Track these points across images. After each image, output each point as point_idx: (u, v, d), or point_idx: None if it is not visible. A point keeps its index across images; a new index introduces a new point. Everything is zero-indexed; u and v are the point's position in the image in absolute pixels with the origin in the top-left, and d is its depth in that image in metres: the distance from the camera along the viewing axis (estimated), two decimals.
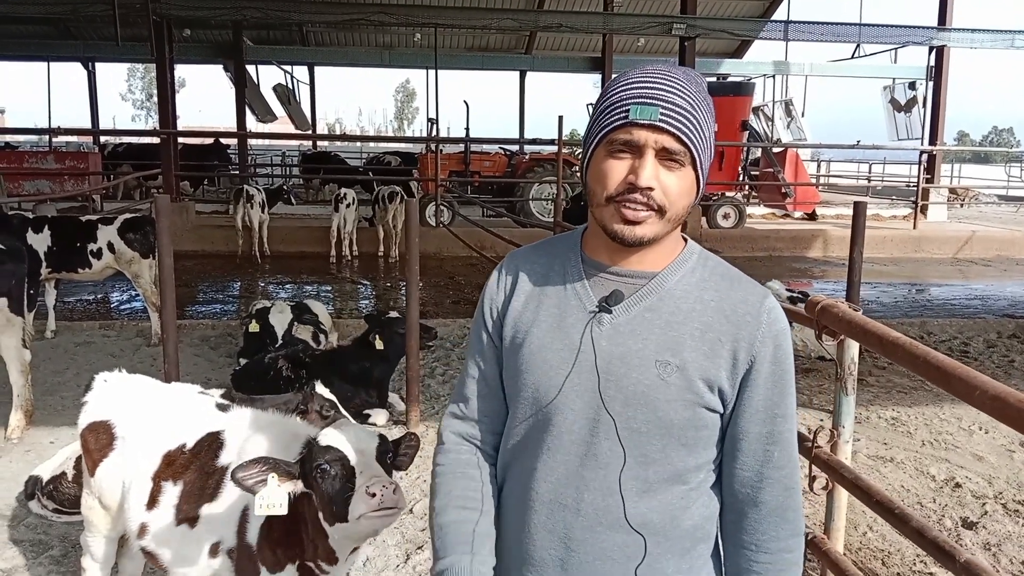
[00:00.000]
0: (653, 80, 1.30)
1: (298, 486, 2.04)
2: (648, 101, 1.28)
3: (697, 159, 1.31)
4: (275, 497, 1.98)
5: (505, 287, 1.50)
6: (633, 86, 1.31)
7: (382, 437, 2.04)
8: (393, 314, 5.62)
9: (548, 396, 1.38)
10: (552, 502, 1.39)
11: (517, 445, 1.46)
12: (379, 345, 5.43)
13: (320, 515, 2.07)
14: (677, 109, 1.28)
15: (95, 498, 2.79)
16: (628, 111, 1.28)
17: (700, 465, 1.39)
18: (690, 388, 1.32)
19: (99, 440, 2.72)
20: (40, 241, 7.17)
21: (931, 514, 4.33)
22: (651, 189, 1.28)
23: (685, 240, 1.45)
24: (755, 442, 1.37)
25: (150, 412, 2.74)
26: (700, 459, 1.38)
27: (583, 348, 1.36)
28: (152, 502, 2.53)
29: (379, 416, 5.46)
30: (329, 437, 2.03)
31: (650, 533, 1.36)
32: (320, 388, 4.24)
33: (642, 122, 1.27)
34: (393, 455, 2.08)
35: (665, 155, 1.29)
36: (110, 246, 7.41)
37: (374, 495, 1.88)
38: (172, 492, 2.51)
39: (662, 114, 1.27)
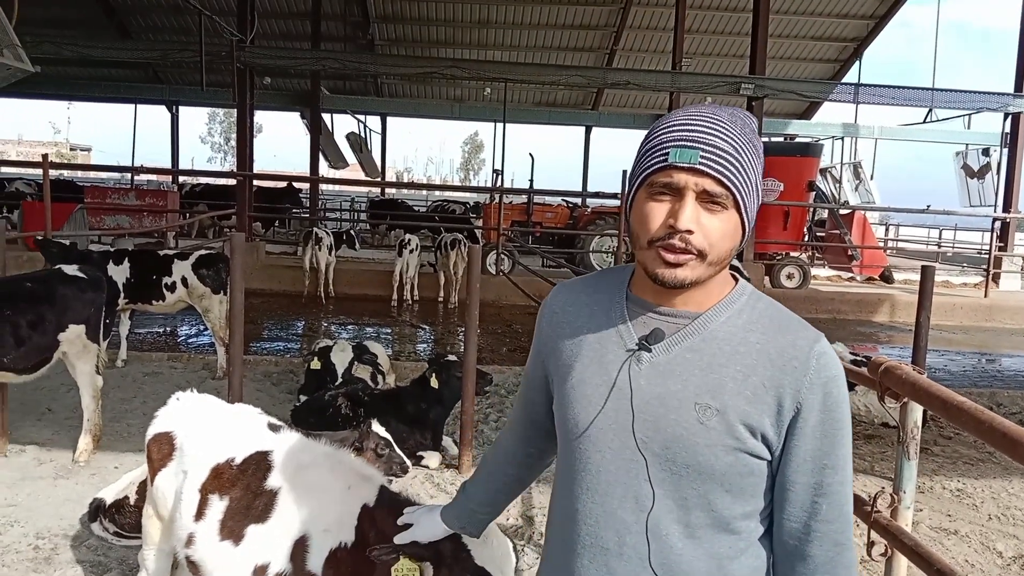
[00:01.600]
0: (694, 122, 1.29)
1: (428, 569, 2.06)
2: (688, 144, 1.27)
3: (741, 201, 1.29)
4: (408, 569, 2.06)
5: (552, 317, 1.53)
6: (674, 129, 1.30)
7: (514, 553, 2.08)
8: (451, 357, 5.68)
9: (581, 430, 1.38)
10: (593, 546, 1.37)
11: (560, 485, 1.47)
12: (434, 383, 5.48)
13: None
14: (718, 151, 1.26)
15: (153, 506, 2.88)
16: (668, 154, 1.28)
17: (749, 513, 1.35)
18: (730, 433, 1.28)
19: (161, 450, 2.82)
20: (120, 273, 7.49)
21: None
22: (691, 232, 1.27)
23: (736, 280, 1.41)
24: (802, 493, 1.32)
25: (208, 426, 2.83)
26: (748, 507, 1.34)
27: (619, 385, 1.35)
28: (199, 514, 2.59)
29: (432, 459, 5.49)
30: (479, 551, 2.05)
31: None
32: (376, 427, 4.30)
33: (682, 165, 1.26)
34: None
35: (706, 198, 1.27)
36: (184, 280, 7.68)
37: None
38: (218, 506, 2.56)
39: (702, 157, 1.26)
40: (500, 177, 20.68)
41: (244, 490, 2.55)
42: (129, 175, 20.61)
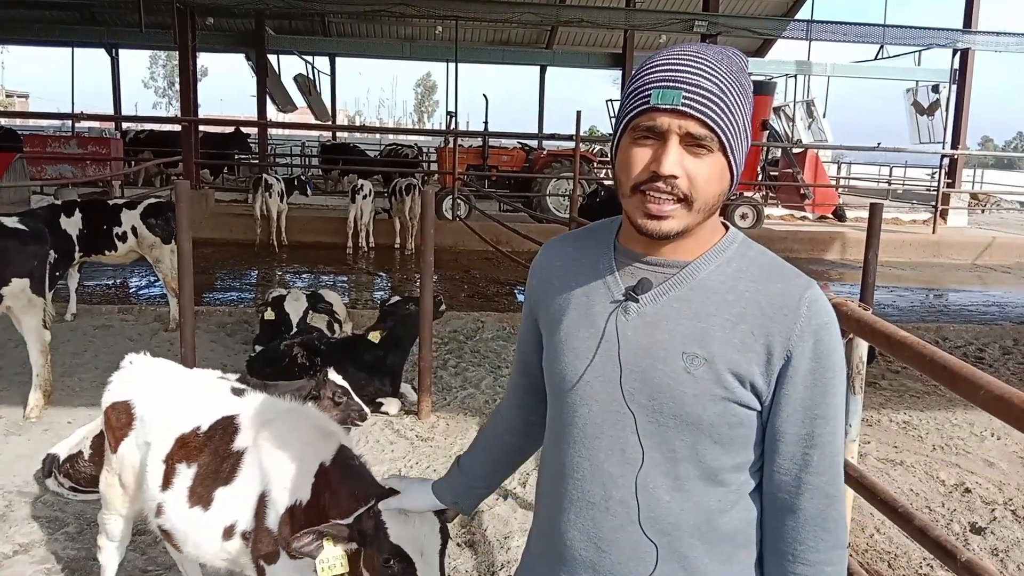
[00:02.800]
0: (678, 62, 1.23)
1: (352, 546, 2.02)
2: (671, 85, 1.21)
3: (727, 144, 1.23)
4: (334, 559, 2.01)
5: (541, 273, 1.49)
6: (657, 69, 1.24)
7: (443, 532, 1.99)
8: (396, 298, 5.70)
9: (570, 384, 1.35)
10: (580, 500, 1.35)
11: (549, 441, 1.45)
12: (374, 339, 5.48)
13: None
14: (702, 92, 1.20)
15: (115, 475, 2.85)
16: (650, 96, 1.22)
17: (739, 465, 1.31)
18: (718, 382, 1.25)
19: (120, 419, 2.79)
20: (72, 225, 7.24)
21: (939, 518, 4.33)
22: (675, 177, 1.22)
23: (727, 227, 1.37)
24: (792, 444, 1.28)
25: (168, 394, 2.80)
26: (738, 459, 1.31)
27: (606, 337, 1.32)
28: (167, 483, 2.59)
29: (391, 405, 5.51)
30: (397, 528, 1.95)
31: (684, 535, 1.30)
32: (333, 375, 4.30)
33: (664, 107, 1.21)
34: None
35: (690, 140, 1.21)
36: (134, 230, 7.49)
37: None
38: (186, 474, 2.56)
39: (685, 98, 1.20)
40: (454, 119, 20.40)
41: (212, 455, 2.55)
42: (70, 122, 19.90)
